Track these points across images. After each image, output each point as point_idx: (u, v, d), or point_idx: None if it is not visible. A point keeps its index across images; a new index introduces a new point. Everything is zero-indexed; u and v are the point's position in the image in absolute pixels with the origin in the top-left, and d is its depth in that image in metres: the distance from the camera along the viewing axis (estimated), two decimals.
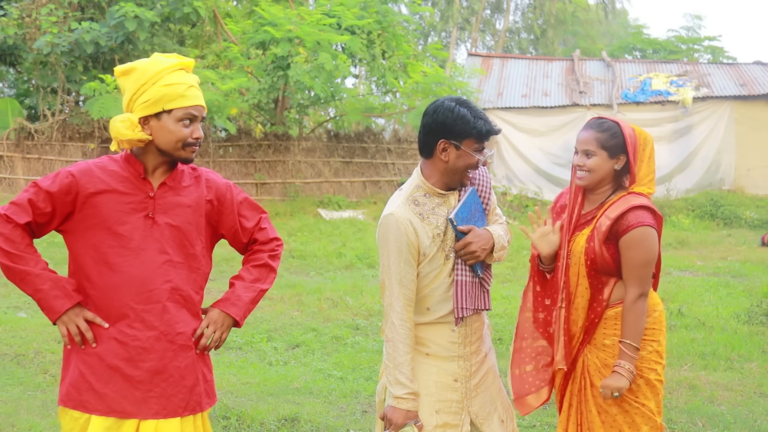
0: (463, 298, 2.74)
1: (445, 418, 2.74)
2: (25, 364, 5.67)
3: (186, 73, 2.54)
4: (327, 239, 12.12)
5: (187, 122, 2.49)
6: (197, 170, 2.66)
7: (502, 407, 2.90)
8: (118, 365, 2.44)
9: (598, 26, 33.41)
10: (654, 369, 2.83)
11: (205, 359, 2.64)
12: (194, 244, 2.57)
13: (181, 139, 2.48)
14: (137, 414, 2.44)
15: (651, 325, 2.85)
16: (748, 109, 16.51)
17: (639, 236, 2.76)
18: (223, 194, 2.66)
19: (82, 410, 2.44)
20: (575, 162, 2.90)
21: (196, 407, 2.54)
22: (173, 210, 2.53)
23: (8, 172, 14.39)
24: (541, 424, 4.60)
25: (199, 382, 2.56)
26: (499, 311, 7.34)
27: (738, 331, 6.69)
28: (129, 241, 2.46)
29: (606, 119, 2.91)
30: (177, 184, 2.56)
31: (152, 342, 2.46)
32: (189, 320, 2.55)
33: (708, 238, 13.21)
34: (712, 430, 4.54)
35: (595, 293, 2.84)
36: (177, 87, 2.47)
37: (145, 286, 2.47)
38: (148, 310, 2.46)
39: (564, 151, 16.72)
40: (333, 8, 14.79)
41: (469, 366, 2.81)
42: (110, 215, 2.46)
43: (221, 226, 2.67)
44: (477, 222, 2.79)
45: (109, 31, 14.34)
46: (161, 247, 2.49)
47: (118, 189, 2.48)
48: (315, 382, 5.43)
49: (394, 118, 19.66)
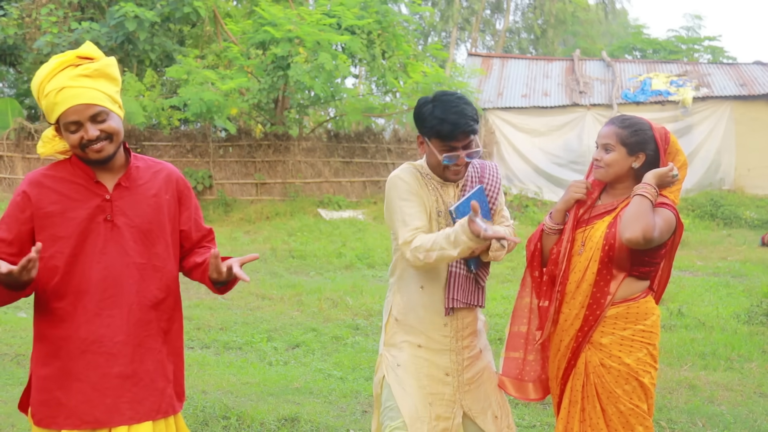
0: (455, 290, 2.80)
1: (438, 410, 2.79)
2: (25, 364, 5.67)
3: (69, 72, 2.37)
4: (327, 239, 12.12)
5: (73, 128, 2.35)
6: (157, 164, 2.58)
7: (496, 404, 2.92)
8: (86, 374, 2.38)
9: (598, 26, 33.42)
10: (649, 372, 2.84)
11: (176, 358, 2.57)
12: (156, 242, 2.49)
13: (73, 144, 2.36)
14: (109, 422, 2.37)
15: (648, 329, 2.85)
16: (748, 109, 16.51)
17: (660, 211, 2.77)
18: (182, 190, 2.60)
19: (55, 428, 2.38)
20: (594, 156, 2.92)
21: (169, 410, 2.49)
22: (131, 210, 2.45)
23: (8, 172, 14.39)
24: (541, 424, 4.60)
25: (169, 383, 2.50)
26: (498, 311, 7.34)
27: (738, 331, 6.69)
28: (89, 246, 2.39)
29: (633, 117, 2.92)
30: (132, 183, 2.48)
31: (120, 347, 2.40)
32: (156, 320, 2.48)
33: (708, 238, 13.20)
34: (712, 430, 4.54)
35: (602, 283, 2.83)
36: (50, 96, 2.35)
37: (109, 291, 2.40)
38: (114, 315, 2.40)
39: (564, 151, 16.73)
40: (333, 8, 14.79)
41: (461, 360, 2.86)
42: (67, 224, 2.38)
43: (181, 220, 2.59)
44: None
45: (109, 31, 14.33)
46: (123, 249, 2.42)
47: (70, 196, 2.40)
48: (315, 382, 5.43)
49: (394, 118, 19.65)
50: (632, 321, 2.84)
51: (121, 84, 2.58)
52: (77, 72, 2.36)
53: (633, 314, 2.84)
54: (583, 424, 2.87)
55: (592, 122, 16.65)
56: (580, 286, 2.86)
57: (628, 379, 2.81)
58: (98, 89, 2.37)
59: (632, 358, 2.82)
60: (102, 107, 2.36)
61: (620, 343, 2.83)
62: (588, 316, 2.86)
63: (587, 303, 2.86)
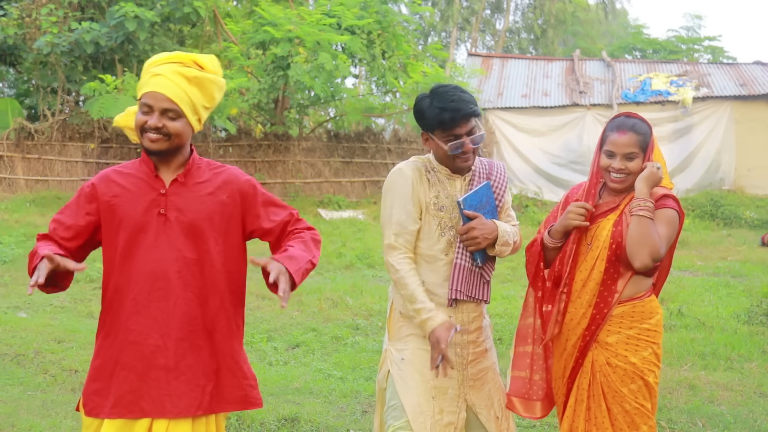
0: (459, 282, 2.80)
1: (442, 404, 2.80)
2: (25, 364, 5.67)
3: (174, 66, 2.49)
4: (327, 239, 12.12)
5: (145, 109, 2.46)
6: (220, 167, 2.63)
7: (498, 405, 2.93)
8: (132, 364, 2.43)
9: (598, 26, 33.42)
10: (653, 371, 2.85)
11: (225, 358, 2.53)
12: (207, 240, 2.51)
13: (137, 124, 2.48)
14: (151, 413, 2.42)
15: (653, 328, 2.85)
16: (748, 109, 16.51)
17: (664, 214, 2.78)
18: (245, 190, 2.60)
19: (103, 417, 2.44)
20: (615, 165, 2.83)
21: (209, 408, 2.49)
22: (185, 206, 2.50)
23: (8, 172, 14.39)
24: (541, 424, 4.60)
25: (211, 381, 2.50)
26: (499, 311, 7.34)
27: (738, 331, 6.69)
28: (143, 239, 2.46)
29: (635, 118, 2.90)
30: (190, 179, 2.54)
31: (165, 339, 2.45)
32: (202, 317, 2.51)
33: (708, 238, 13.20)
34: (712, 430, 4.54)
35: (609, 281, 2.83)
36: (146, 75, 2.49)
37: (158, 284, 2.45)
38: (161, 308, 2.45)
39: (564, 151, 16.72)
40: (333, 8, 14.79)
41: (466, 354, 2.86)
42: (125, 216, 2.47)
43: (245, 222, 2.61)
44: (486, 215, 2.83)
45: (109, 31, 14.33)
46: (173, 243, 2.47)
47: (131, 189, 2.50)
48: (315, 382, 5.43)
49: (394, 118, 19.65)
50: (638, 320, 2.84)
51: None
52: (180, 70, 2.47)
53: (638, 313, 2.85)
54: (588, 423, 2.87)
55: (592, 122, 16.65)
56: (586, 284, 2.86)
57: (633, 378, 2.81)
58: (186, 92, 2.46)
59: (638, 357, 2.82)
60: (177, 107, 2.44)
61: (626, 342, 2.83)
62: (595, 315, 2.86)
63: (594, 302, 2.85)
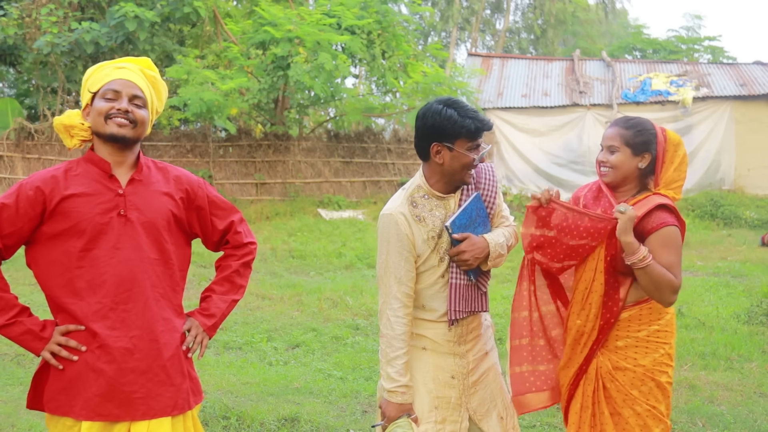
0: (457, 301, 2.77)
1: (444, 413, 2.78)
2: (25, 364, 5.68)
3: (134, 66, 2.54)
4: (327, 239, 12.12)
5: (110, 95, 2.45)
6: (165, 167, 2.61)
7: (501, 404, 2.92)
8: (101, 368, 2.38)
9: (598, 26, 33.42)
10: (665, 372, 2.82)
11: (188, 357, 2.60)
12: (167, 239, 2.51)
13: (101, 112, 2.43)
14: (123, 416, 2.39)
15: (663, 328, 2.83)
16: (748, 109, 16.51)
17: (665, 236, 2.73)
18: (194, 190, 2.62)
19: (72, 417, 2.39)
20: (599, 158, 2.89)
21: (185, 406, 2.50)
22: (144, 205, 2.48)
23: (8, 172, 14.39)
24: (541, 424, 4.60)
25: (185, 379, 2.52)
26: (499, 311, 7.34)
27: (738, 331, 6.69)
28: (104, 241, 2.40)
29: (636, 118, 2.90)
30: (145, 178, 2.52)
31: (135, 342, 2.41)
32: (171, 317, 2.50)
33: (708, 238, 13.20)
34: (712, 430, 4.54)
35: (611, 291, 2.81)
36: (106, 69, 2.51)
37: (124, 286, 2.41)
38: (129, 310, 2.41)
39: (564, 151, 16.73)
40: (333, 8, 14.79)
41: (466, 363, 2.85)
42: (82, 219, 2.39)
43: (193, 222, 2.63)
44: (477, 228, 2.78)
45: (109, 31, 14.34)
46: (136, 244, 2.44)
47: (84, 191, 2.42)
48: (315, 382, 5.43)
49: (394, 118, 19.66)
50: (646, 322, 2.82)
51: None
52: (141, 69, 2.56)
53: (646, 315, 2.82)
54: (593, 429, 2.85)
55: (592, 122, 16.66)
56: (589, 297, 2.83)
57: (644, 380, 2.79)
58: (149, 89, 2.54)
59: (648, 359, 2.80)
60: (144, 96, 2.50)
61: (636, 345, 2.81)
62: (603, 326, 2.84)
63: (601, 313, 2.83)
